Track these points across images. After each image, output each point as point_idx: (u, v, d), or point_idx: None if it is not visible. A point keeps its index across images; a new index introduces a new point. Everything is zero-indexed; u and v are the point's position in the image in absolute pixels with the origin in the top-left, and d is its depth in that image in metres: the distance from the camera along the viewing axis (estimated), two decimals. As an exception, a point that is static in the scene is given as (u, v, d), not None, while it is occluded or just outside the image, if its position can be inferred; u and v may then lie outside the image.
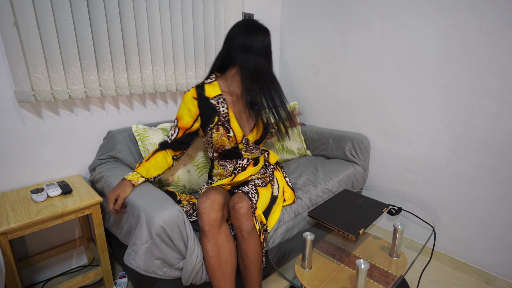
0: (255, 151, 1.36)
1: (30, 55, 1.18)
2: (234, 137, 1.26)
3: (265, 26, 1.24)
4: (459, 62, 1.45)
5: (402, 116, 1.71)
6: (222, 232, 1.11)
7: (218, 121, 1.24)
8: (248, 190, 1.19)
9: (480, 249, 1.55)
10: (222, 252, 1.09)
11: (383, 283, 1.03)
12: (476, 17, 1.37)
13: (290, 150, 1.97)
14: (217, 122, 1.24)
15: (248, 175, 1.29)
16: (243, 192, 1.17)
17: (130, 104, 1.59)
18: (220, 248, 1.09)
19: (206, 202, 1.10)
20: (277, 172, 1.41)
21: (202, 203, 1.10)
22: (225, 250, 1.10)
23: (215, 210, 1.10)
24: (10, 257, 1.04)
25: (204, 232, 1.08)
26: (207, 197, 1.12)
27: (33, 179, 1.35)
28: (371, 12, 1.72)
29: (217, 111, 1.24)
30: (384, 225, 1.96)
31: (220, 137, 1.25)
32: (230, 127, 1.25)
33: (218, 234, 1.10)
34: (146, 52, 1.51)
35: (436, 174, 1.64)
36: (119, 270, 1.55)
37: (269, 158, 1.43)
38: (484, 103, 1.41)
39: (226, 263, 1.10)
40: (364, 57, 1.81)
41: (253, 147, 1.34)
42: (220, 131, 1.24)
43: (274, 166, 1.42)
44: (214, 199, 1.11)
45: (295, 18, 2.14)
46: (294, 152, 1.98)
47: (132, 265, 0.99)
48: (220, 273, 1.08)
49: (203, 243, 1.08)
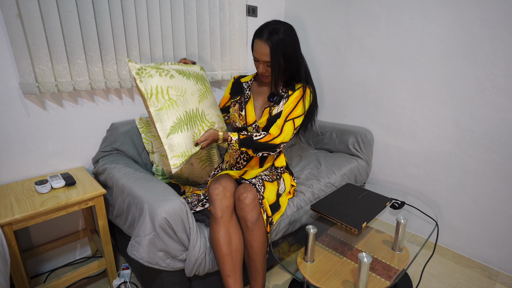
0: None
1: (34, 47, 1.18)
2: (244, 117, 1.36)
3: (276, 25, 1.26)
4: (464, 55, 1.43)
5: (406, 110, 1.70)
6: (233, 220, 1.13)
7: (238, 99, 1.41)
8: (255, 182, 1.20)
9: (483, 243, 1.55)
10: (233, 239, 1.10)
11: (385, 277, 1.03)
12: (483, 10, 1.35)
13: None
14: (237, 100, 1.41)
15: (256, 174, 1.30)
16: (250, 182, 1.18)
17: (132, 97, 1.59)
18: (231, 235, 1.10)
19: (219, 189, 1.12)
20: (285, 175, 1.40)
21: (214, 190, 1.12)
22: (236, 238, 1.11)
23: (227, 197, 1.12)
24: (15, 247, 1.05)
25: (216, 218, 1.09)
26: (219, 184, 1.14)
27: (37, 171, 1.36)
28: (376, 5, 1.70)
29: (242, 91, 1.42)
30: (387, 219, 1.96)
31: (234, 113, 1.40)
32: (244, 107, 1.37)
33: (230, 221, 1.11)
34: (146, 44, 1.50)
35: (440, 168, 1.63)
36: (123, 261, 1.56)
37: (277, 159, 1.42)
38: (489, 97, 1.40)
39: (237, 251, 1.11)
40: (369, 51, 1.79)
41: None
42: (235, 107, 1.40)
43: (283, 169, 1.41)
44: (226, 186, 1.14)
45: (299, 11, 2.12)
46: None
47: (135, 257, 1.00)
48: (231, 261, 1.09)
49: (214, 231, 1.09)
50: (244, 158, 1.39)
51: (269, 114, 1.35)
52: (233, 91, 1.45)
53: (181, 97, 1.14)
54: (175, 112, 1.10)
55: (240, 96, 1.41)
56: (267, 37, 1.23)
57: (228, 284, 1.09)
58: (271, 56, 1.24)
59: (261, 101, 1.40)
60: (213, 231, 1.09)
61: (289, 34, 1.25)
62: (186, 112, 1.14)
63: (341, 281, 1.01)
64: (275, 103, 1.35)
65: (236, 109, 1.40)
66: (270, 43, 1.22)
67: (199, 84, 1.24)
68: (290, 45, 1.25)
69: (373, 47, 1.77)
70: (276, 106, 1.34)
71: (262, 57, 1.26)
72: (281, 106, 1.34)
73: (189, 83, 1.19)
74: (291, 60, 1.29)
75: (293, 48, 1.27)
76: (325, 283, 1.00)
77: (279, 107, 1.34)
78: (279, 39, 1.22)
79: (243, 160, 1.39)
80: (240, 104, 1.39)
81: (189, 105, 1.16)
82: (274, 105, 1.34)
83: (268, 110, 1.35)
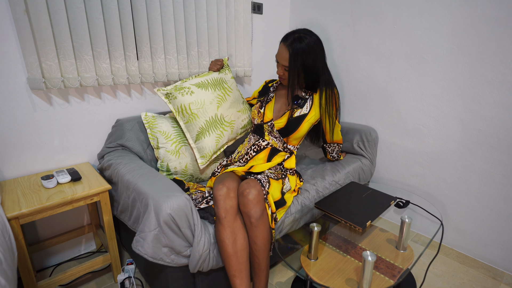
0: (278, 141, 1.42)
1: (41, 42, 1.18)
2: (262, 114, 1.46)
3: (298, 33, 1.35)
4: (472, 53, 1.42)
5: (412, 108, 1.69)
6: (238, 219, 1.13)
7: (262, 99, 1.53)
8: (260, 178, 1.20)
9: (488, 244, 1.54)
10: (238, 239, 1.11)
11: (389, 276, 1.03)
12: (492, 7, 1.33)
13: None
14: (261, 100, 1.54)
15: (263, 169, 1.30)
16: (255, 178, 1.18)
17: (140, 92, 1.60)
18: (236, 235, 1.10)
19: (223, 189, 1.12)
20: (291, 176, 1.40)
21: (218, 191, 1.12)
22: (241, 237, 1.11)
23: (231, 198, 1.12)
24: (21, 241, 1.07)
25: (220, 219, 1.09)
26: (223, 184, 1.14)
27: (43, 166, 1.38)
28: (383, 2, 1.69)
29: (267, 93, 1.55)
30: (391, 218, 1.96)
31: (254, 110, 1.53)
32: (264, 106, 1.48)
33: (234, 221, 1.11)
34: (159, 41, 1.51)
35: (445, 168, 1.62)
36: (127, 257, 1.58)
37: (287, 160, 1.43)
38: (497, 96, 1.38)
39: (242, 250, 1.11)
40: (374, 48, 1.78)
41: (277, 135, 1.41)
42: (257, 105, 1.52)
43: (292, 171, 1.42)
44: (230, 187, 1.14)
45: (305, 8, 2.11)
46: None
47: (140, 252, 1.01)
48: (236, 261, 1.09)
49: (218, 231, 1.09)
50: (255, 149, 1.42)
51: (290, 116, 1.40)
52: (261, 93, 1.60)
53: (201, 109, 1.40)
54: (198, 123, 1.39)
55: (264, 97, 1.53)
56: (290, 43, 1.31)
57: (235, 284, 1.09)
58: (289, 62, 1.32)
59: (281, 103, 1.47)
60: (218, 232, 1.09)
61: (313, 46, 1.31)
62: (207, 120, 1.41)
63: (344, 279, 1.01)
64: (299, 106, 1.41)
65: (257, 107, 1.51)
66: (290, 50, 1.30)
67: (217, 90, 1.47)
68: (311, 57, 1.32)
69: (379, 45, 1.76)
70: (300, 109, 1.41)
71: (281, 61, 1.35)
72: (304, 109, 1.40)
73: (207, 93, 1.43)
74: (309, 70, 1.35)
75: (314, 60, 1.34)
76: (329, 281, 1.00)
77: (303, 110, 1.40)
78: (300, 48, 1.29)
79: (253, 151, 1.42)
80: (262, 103, 1.50)
81: (209, 113, 1.42)
82: (297, 108, 1.41)
83: (290, 113, 1.40)
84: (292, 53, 1.29)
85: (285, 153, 1.43)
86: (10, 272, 0.85)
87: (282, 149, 1.44)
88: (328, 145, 1.62)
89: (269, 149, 1.41)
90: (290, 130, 1.39)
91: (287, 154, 1.43)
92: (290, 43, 1.30)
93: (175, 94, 1.37)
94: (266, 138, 1.44)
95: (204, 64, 1.73)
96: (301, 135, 1.43)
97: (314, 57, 1.32)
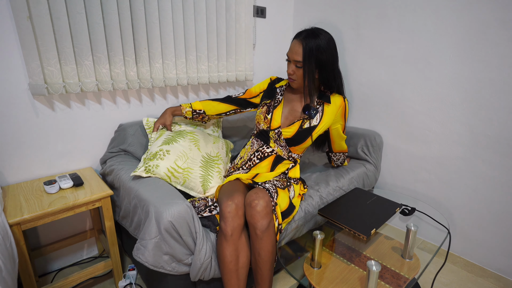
0: (284, 150, 1.38)
1: (44, 48, 1.19)
2: (269, 120, 1.37)
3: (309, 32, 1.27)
4: (479, 57, 1.39)
5: (417, 113, 1.66)
6: (243, 237, 1.11)
7: (269, 102, 1.41)
8: (269, 187, 1.17)
9: (497, 252, 1.50)
10: (241, 256, 1.09)
11: (395, 286, 1.01)
12: (499, 10, 1.30)
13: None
14: (267, 103, 1.41)
15: (267, 178, 1.27)
16: (264, 188, 1.16)
17: (140, 98, 1.60)
18: (239, 253, 1.09)
19: (231, 206, 1.08)
20: (296, 185, 1.38)
21: (227, 207, 1.08)
22: (244, 254, 1.10)
23: (240, 216, 1.09)
24: (23, 247, 1.06)
25: (226, 236, 1.06)
26: (232, 200, 1.10)
27: (45, 171, 1.38)
28: (389, 5, 1.67)
29: (274, 95, 1.42)
30: (396, 225, 1.92)
31: (260, 114, 1.42)
32: (272, 111, 1.38)
33: (239, 239, 1.09)
34: (157, 45, 1.50)
35: (452, 174, 1.58)
36: (129, 262, 1.57)
37: (291, 169, 1.40)
38: (505, 100, 1.35)
39: (243, 267, 1.09)
40: (379, 52, 1.76)
41: (284, 143, 1.36)
42: (263, 108, 1.41)
43: (296, 180, 1.39)
44: (239, 204, 1.10)
45: (308, 11, 2.09)
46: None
47: (140, 260, 0.99)
48: (236, 278, 1.08)
49: (222, 246, 1.07)
50: (258, 156, 1.38)
51: (300, 127, 1.33)
52: (266, 93, 1.46)
53: (188, 160, 1.29)
54: (195, 175, 1.29)
55: (271, 100, 1.41)
56: (304, 38, 1.23)
57: None
58: (303, 57, 1.22)
59: (290, 109, 1.39)
60: (221, 247, 1.07)
61: (328, 42, 1.24)
62: (201, 167, 1.32)
63: (348, 289, 0.98)
64: (310, 117, 1.34)
65: (263, 111, 1.41)
66: (304, 43, 1.21)
67: (184, 137, 1.37)
68: (327, 53, 1.24)
69: (383, 48, 1.73)
70: (310, 119, 1.34)
71: (293, 56, 1.24)
72: (315, 120, 1.34)
73: (180, 143, 1.33)
74: (325, 68, 1.27)
75: (330, 57, 1.26)
76: (332, 291, 0.98)
77: (313, 121, 1.34)
78: (315, 43, 1.22)
79: (257, 158, 1.38)
80: (269, 107, 1.40)
81: (197, 159, 1.32)
82: (308, 119, 1.34)
83: (300, 123, 1.34)
84: (306, 46, 1.21)
85: (290, 161, 1.40)
86: (10, 279, 0.85)
87: (287, 157, 1.40)
88: (333, 154, 1.60)
89: (273, 157, 1.37)
90: (298, 141, 1.35)
91: (291, 163, 1.39)
92: (304, 38, 1.22)
93: (154, 163, 1.22)
94: (271, 145, 1.39)
95: (203, 69, 1.72)
96: (307, 146, 1.40)
97: (331, 53, 1.25)
